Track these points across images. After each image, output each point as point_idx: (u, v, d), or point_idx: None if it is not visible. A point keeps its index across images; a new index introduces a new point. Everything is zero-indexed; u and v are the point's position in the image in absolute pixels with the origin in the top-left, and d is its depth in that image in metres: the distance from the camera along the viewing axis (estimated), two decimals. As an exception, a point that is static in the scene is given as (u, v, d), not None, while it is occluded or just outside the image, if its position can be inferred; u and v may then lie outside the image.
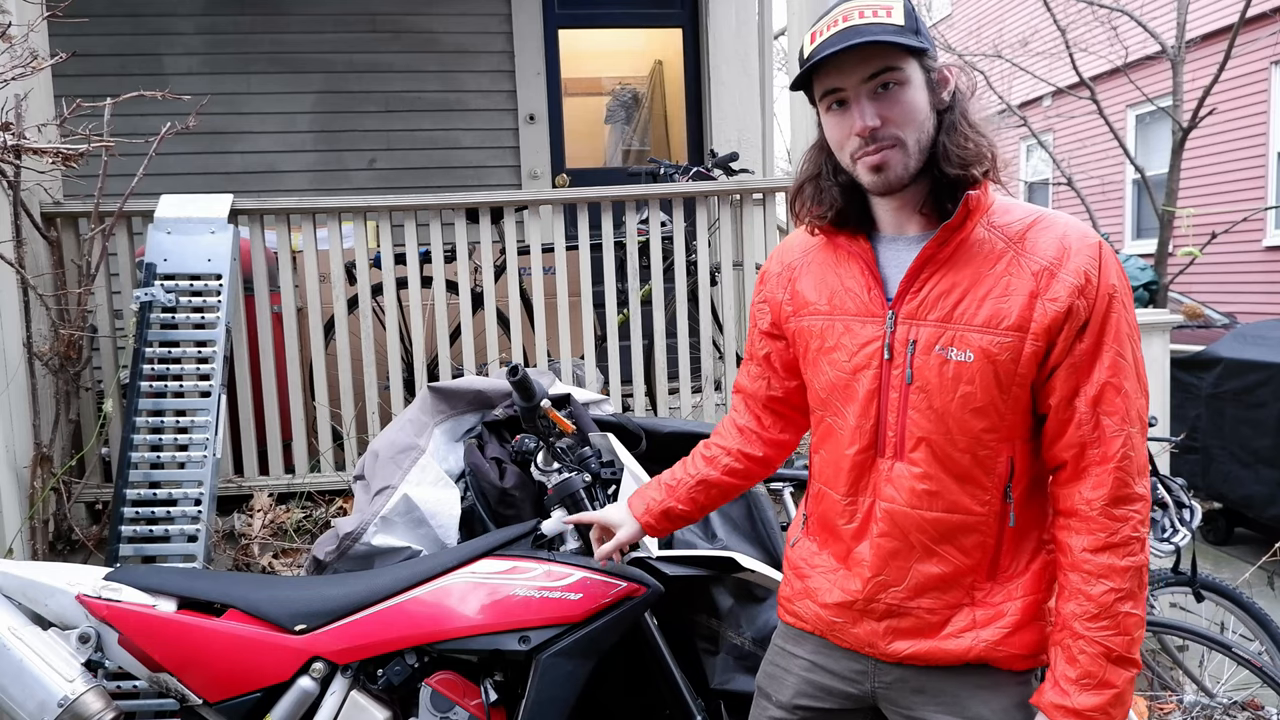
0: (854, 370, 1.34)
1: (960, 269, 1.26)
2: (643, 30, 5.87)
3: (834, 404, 1.37)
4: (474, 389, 2.50)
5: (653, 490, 1.66)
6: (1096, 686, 1.20)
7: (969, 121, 1.27)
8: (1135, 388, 1.24)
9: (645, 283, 3.48)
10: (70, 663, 1.70)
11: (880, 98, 1.23)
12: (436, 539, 2.19)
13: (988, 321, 1.24)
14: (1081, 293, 1.21)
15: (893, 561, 1.32)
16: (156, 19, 5.04)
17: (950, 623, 1.30)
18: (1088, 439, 1.23)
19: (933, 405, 1.27)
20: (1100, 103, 7.16)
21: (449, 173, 5.25)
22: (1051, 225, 1.26)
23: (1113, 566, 1.21)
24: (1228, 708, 2.68)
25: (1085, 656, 1.21)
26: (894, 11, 1.22)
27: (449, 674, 1.82)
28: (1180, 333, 5.67)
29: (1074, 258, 1.23)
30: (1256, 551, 4.26)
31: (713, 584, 2.18)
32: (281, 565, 2.94)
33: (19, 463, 2.79)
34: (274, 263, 3.30)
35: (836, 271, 1.38)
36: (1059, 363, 1.23)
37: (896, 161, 1.24)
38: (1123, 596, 1.21)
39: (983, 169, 1.24)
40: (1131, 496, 1.23)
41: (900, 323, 1.29)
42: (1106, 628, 1.21)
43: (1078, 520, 1.24)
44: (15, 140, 2.64)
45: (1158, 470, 2.65)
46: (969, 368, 1.25)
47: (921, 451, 1.29)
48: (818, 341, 1.39)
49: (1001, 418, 1.26)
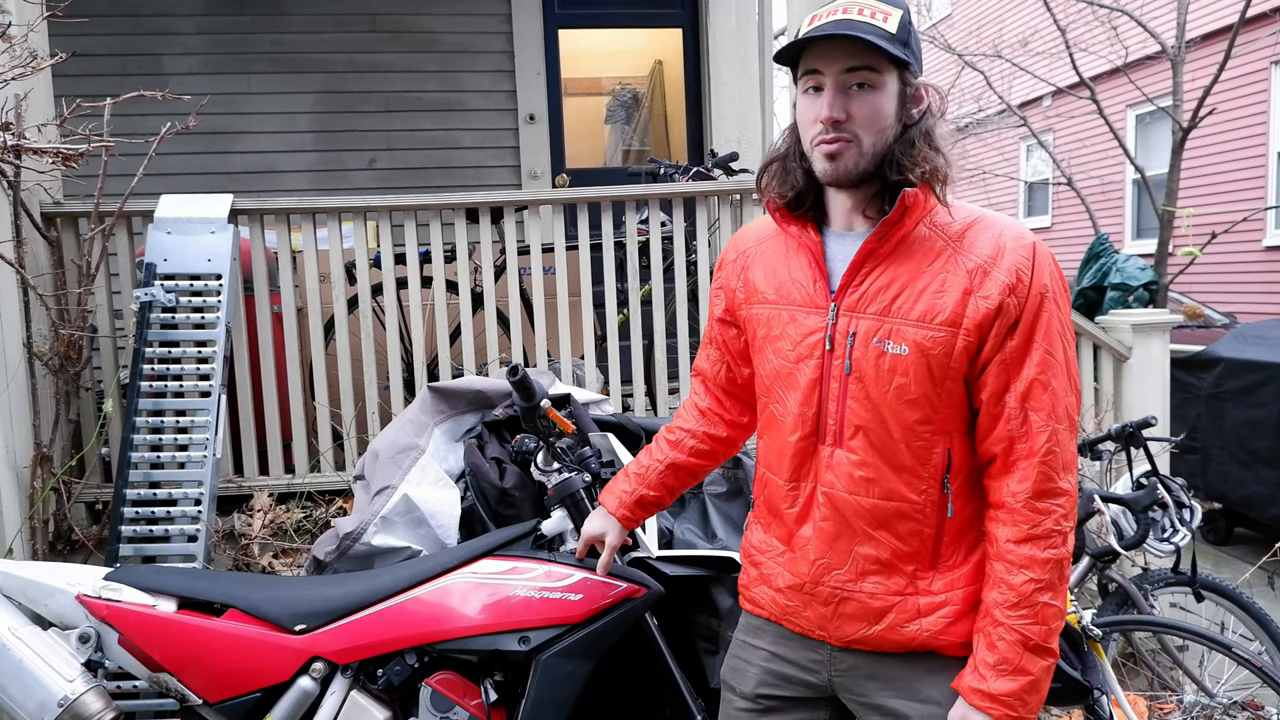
0: (797, 359, 1.38)
1: (900, 264, 1.31)
2: (643, 30, 5.87)
3: (777, 391, 1.42)
4: (474, 389, 2.50)
5: (622, 483, 1.70)
6: (1013, 673, 1.25)
7: (929, 140, 1.30)
8: (1064, 385, 1.28)
9: (645, 283, 3.48)
10: (70, 663, 1.70)
11: (852, 94, 1.28)
12: (436, 539, 2.20)
13: (923, 316, 1.29)
14: (1013, 291, 1.26)
15: (835, 544, 1.37)
16: (156, 19, 5.03)
17: (894, 610, 1.34)
18: (1015, 433, 1.28)
19: (869, 395, 1.32)
20: (1100, 103, 7.16)
21: (449, 173, 5.25)
22: (990, 226, 1.31)
23: (1034, 558, 1.26)
24: (1228, 708, 2.68)
25: (1004, 644, 1.26)
26: (891, 19, 1.27)
27: (449, 674, 1.82)
28: (1180, 333, 5.67)
29: (1007, 256, 1.27)
30: (1256, 551, 4.27)
31: (713, 584, 2.18)
32: (281, 565, 2.94)
33: (19, 463, 2.79)
34: (274, 263, 3.30)
35: (786, 262, 1.43)
36: (990, 359, 1.28)
37: (849, 156, 1.29)
38: (1042, 587, 1.26)
39: (920, 172, 1.28)
40: (1055, 491, 1.27)
41: (841, 314, 1.34)
42: (1025, 616, 1.26)
43: (1004, 512, 1.29)
44: (15, 140, 2.64)
45: (1158, 470, 2.66)
46: (903, 360, 1.29)
47: (859, 439, 1.33)
48: (764, 329, 1.44)
49: (935, 410, 1.31)
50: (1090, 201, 8.03)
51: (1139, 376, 3.73)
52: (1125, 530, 2.58)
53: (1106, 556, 2.63)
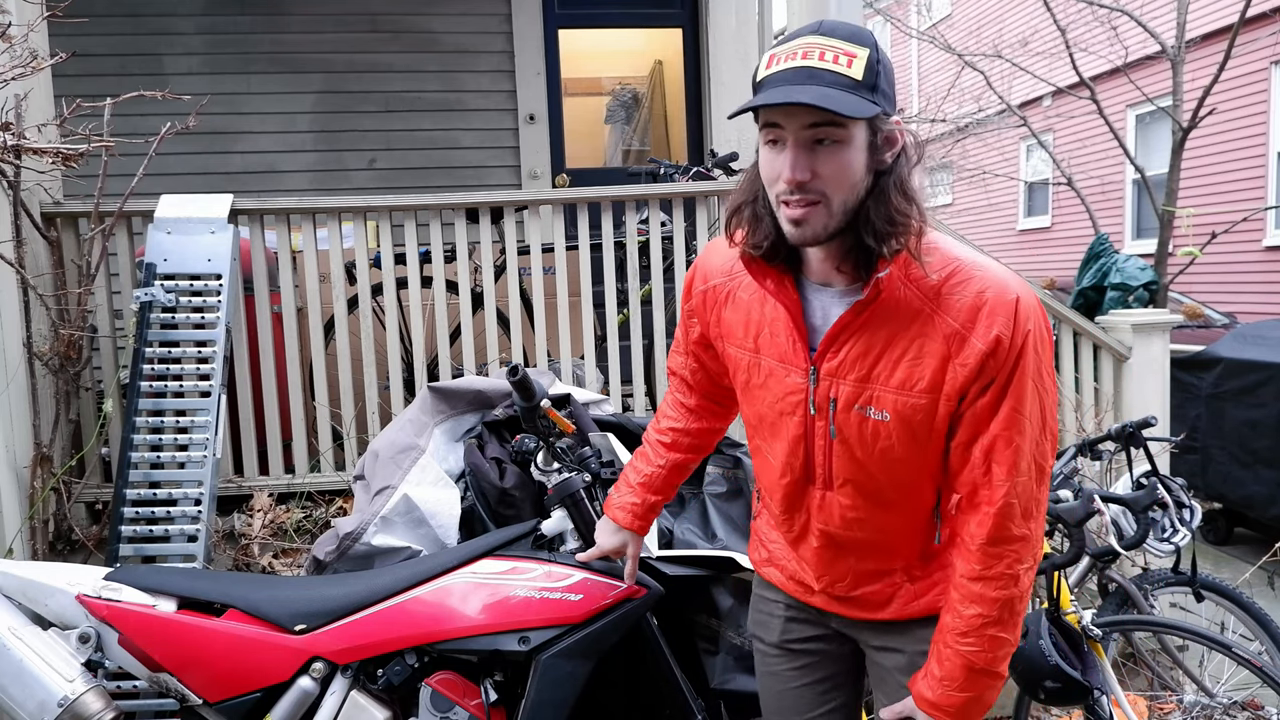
0: (779, 413, 1.40)
1: (876, 330, 1.28)
2: (643, 30, 5.87)
3: (764, 433, 1.45)
4: (474, 389, 2.50)
5: (628, 494, 1.71)
6: (957, 689, 1.33)
7: (903, 190, 1.22)
8: (1035, 436, 1.28)
9: (645, 283, 3.48)
10: (70, 663, 1.70)
11: (817, 151, 1.19)
12: (436, 539, 2.20)
13: (902, 384, 1.28)
14: (993, 355, 1.23)
15: (833, 566, 1.46)
16: (156, 19, 5.03)
17: (893, 599, 1.45)
18: (979, 481, 1.30)
19: (855, 456, 1.35)
20: (1100, 103, 7.16)
21: (449, 173, 5.25)
22: (968, 279, 1.25)
23: (984, 595, 1.31)
24: (1228, 708, 2.68)
25: (950, 664, 1.33)
26: (855, 62, 1.16)
27: (449, 674, 1.82)
28: (1180, 333, 5.67)
29: (986, 319, 1.23)
30: (1256, 551, 4.27)
31: (713, 584, 2.18)
32: (281, 565, 2.94)
33: (19, 463, 2.79)
34: (274, 263, 3.30)
35: (763, 310, 1.39)
36: (964, 412, 1.29)
37: (816, 220, 1.21)
38: (990, 622, 1.31)
39: (899, 245, 1.21)
40: (1010, 538, 1.30)
41: (822, 379, 1.34)
42: (973, 644, 1.32)
43: (963, 549, 1.34)
44: (15, 140, 2.64)
45: (1158, 470, 2.65)
46: (886, 426, 1.31)
47: (849, 488, 1.38)
48: (745, 375, 1.45)
49: (923, 463, 1.34)
50: (1090, 201, 8.03)
51: (1139, 376, 3.73)
52: (1125, 530, 2.58)
53: (1106, 556, 2.63)
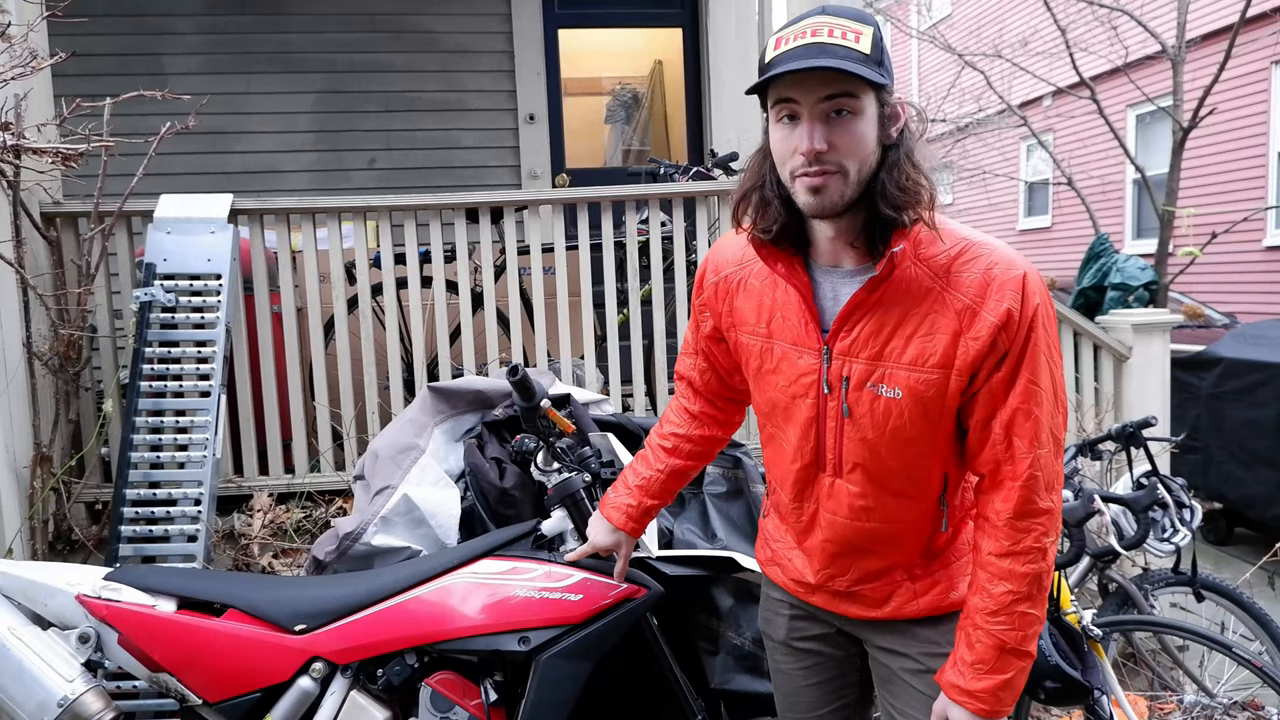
0: (792, 396, 1.41)
1: (889, 308, 1.31)
2: (643, 30, 5.87)
3: (776, 419, 1.46)
4: (474, 389, 2.50)
5: (624, 497, 1.72)
6: (989, 672, 1.32)
7: (912, 161, 1.27)
8: (1050, 409, 1.30)
9: (645, 283, 3.48)
10: (70, 663, 1.70)
11: (832, 122, 1.23)
12: (436, 539, 2.19)
13: (914, 360, 1.30)
14: (1004, 328, 1.26)
15: (837, 560, 1.47)
16: (156, 19, 5.04)
17: (893, 598, 1.46)
18: (1001, 457, 1.31)
19: (865, 437, 1.36)
20: (1100, 102, 7.15)
21: (449, 173, 5.26)
22: (977, 256, 1.28)
23: (1013, 571, 1.31)
24: (1228, 708, 2.68)
25: (981, 646, 1.33)
26: (863, 38, 1.22)
27: (449, 674, 1.82)
28: (1180, 333, 5.66)
29: (996, 293, 1.26)
30: (1256, 551, 4.27)
31: (713, 584, 2.18)
32: (281, 565, 2.94)
33: (19, 463, 2.79)
34: (274, 263, 3.30)
35: (774, 295, 1.42)
36: (979, 389, 1.30)
37: (835, 188, 1.25)
38: (1020, 598, 1.32)
39: (915, 214, 1.25)
40: (1036, 510, 1.31)
41: (835, 358, 1.35)
42: (1003, 623, 1.32)
43: (989, 526, 1.34)
44: (15, 140, 2.63)
45: (1158, 470, 2.66)
46: (898, 403, 1.32)
47: (858, 473, 1.39)
48: (757, 361, 1.46)
49: (933, 444, 1.35)
50: (1090, 201, 8.02)
51: (1139, 376, 3.73)
52: (1125, 530, 2.58)
53: (1107, 556, 2.63)
